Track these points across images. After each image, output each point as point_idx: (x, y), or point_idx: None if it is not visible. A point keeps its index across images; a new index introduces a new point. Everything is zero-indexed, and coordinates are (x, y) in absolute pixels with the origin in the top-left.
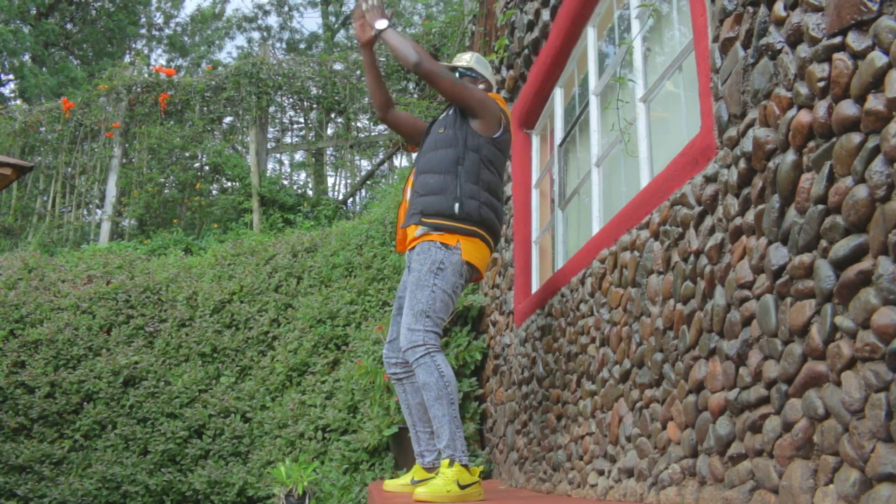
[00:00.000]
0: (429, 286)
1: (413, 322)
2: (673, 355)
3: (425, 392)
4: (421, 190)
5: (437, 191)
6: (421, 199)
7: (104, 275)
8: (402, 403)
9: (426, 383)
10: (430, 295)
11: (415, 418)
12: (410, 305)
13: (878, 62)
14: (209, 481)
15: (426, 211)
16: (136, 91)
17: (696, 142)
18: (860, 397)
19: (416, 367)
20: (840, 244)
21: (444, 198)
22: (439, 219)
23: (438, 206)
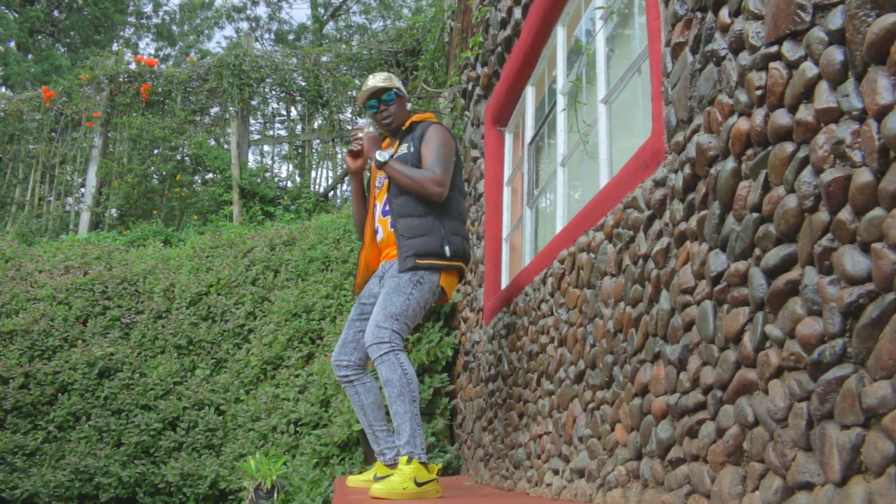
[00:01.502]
0: (405, 293)
1: (383, 321)
2: (622, 358)
3: (388, 388)
4: (407, 233)
5: (423, 232)
6: (409, 241)
7: (82, 266)
8: (356, 405)
9: (389, 380)
10: (405, 301)
11: (370, 418)
12: (384, 306)
13: (808, 73)
14: (182, 473)
15: (419, 253)
16: (118, 81)
17: (648, 146)
18: (784, 406)
19: (380, 363)
20: (771, 253)
21: (432, 238)
22: (433, 259)
23: (429, 247)
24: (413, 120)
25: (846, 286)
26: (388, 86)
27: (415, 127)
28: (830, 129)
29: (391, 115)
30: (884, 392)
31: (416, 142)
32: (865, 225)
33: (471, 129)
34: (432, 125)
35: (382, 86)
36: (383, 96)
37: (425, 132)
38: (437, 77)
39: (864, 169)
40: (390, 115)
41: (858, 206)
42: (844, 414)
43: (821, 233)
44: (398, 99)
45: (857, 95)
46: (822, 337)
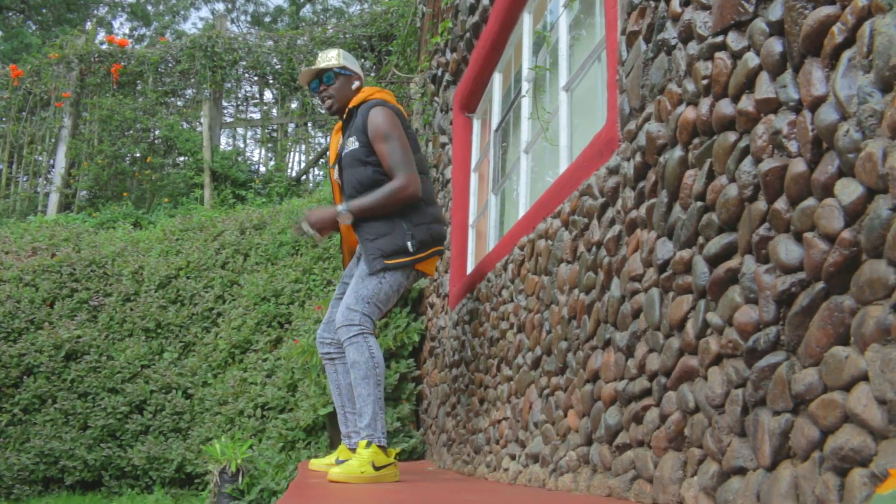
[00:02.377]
0: (378, 278)
1: (354, 303)
2: (575, 344)
3: (353, 370)
4: (370, 235)
5: (385, 231)
6: (373, 244)
7: (50, 247)
8: (332, 384)
9: (356, 361)
10: (377, 285)
11: (344, 399)
12: (356, 289)
13: (750, 63)
14: (148, 457)
15: (386, 253)
16: (88, 60)
17: (602, 133)
18: (722, 392)
19: (348, 345)
20: (713, 241)
21: (395, 236)
22: (400, 257)
23: (394, 246)
24: (352, 105)
25: (781, 275)
26: (327, 66)
27: (354, 114)
28: (769, 120)
29: (331, 96)
30: (811, 379)
31: (361, 133)
32: (798, 214)
33: (440, 115)
34: (371, 109)
35: (323, 66)
36: (323, 77)
37: (366, 120)
38: (408, 62)
39: (799, 159)
40: (330, 95)
41: (793, 196)
42: (775, 400)
43: (759, 222)
44: (340, 77)
45: (793, 86)
46: (758, 325)
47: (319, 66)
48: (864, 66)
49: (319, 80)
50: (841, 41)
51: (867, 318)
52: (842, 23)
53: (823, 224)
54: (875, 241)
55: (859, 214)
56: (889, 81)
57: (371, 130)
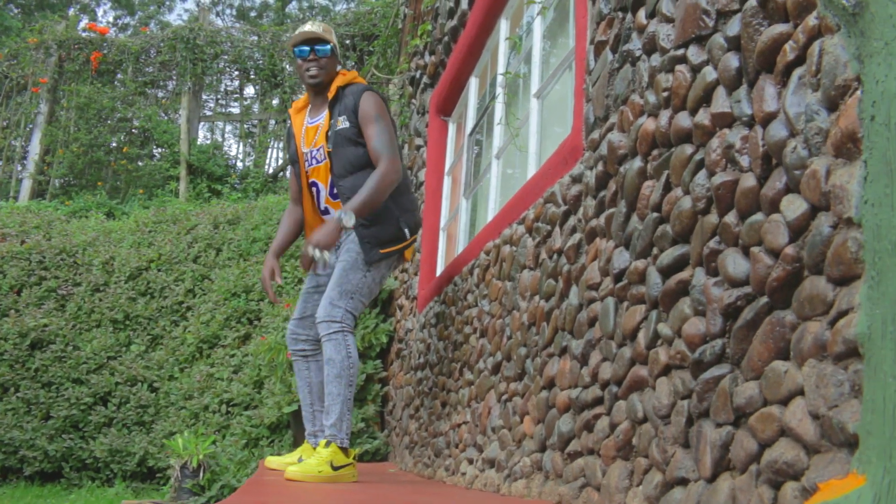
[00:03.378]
0: (363, 271)
1: (337, 298)
2: (533, 351)
3: (329, 367)
4: (365, 222)
5: (380, 220)
6: (369, 231)
7: (20, 234)
8: (302, 381)
9: (332, 359)
10: (361, 279)
11: (314, 397)
12: (339, 283)
13: (708, 77)
14: (111, 449)
15: (382, 240)
16: (67, 47)
17: (568, 142)
18: (668, 403)
19: (327, 340)
20: (666, 253)
21: (389, 224)
22: (393, 244)
23: (388, 234)
24: (339, 85)
25: (728, 288)
26: (325, 37)
27: (342, 95)
28: (724, 134)
29: (321, 68)
30: (752, 392)
31: (352, 115)
32: (747, 229)
33: (416, 118)
34: (363, 93)
35: (320, 34)
36: (318, 45)
37: (358, 102)
38: (388, 63)
39: (750, 174)
40: (320, 67)
41: (743, 210)
42: (718, 413)
43: (710, 235)
44: (332, 55)
45: (747, 102)
46: (705, 337)
47: (315, 31)
48: (813, 85)
49: (312, 47)
50: (792, 59)
51: (806, 333)
52: (794, 41)
53: (769, 239)
54: (816, 257)
55: (803, 231)
56: (835, 101)
57: (361, 112)
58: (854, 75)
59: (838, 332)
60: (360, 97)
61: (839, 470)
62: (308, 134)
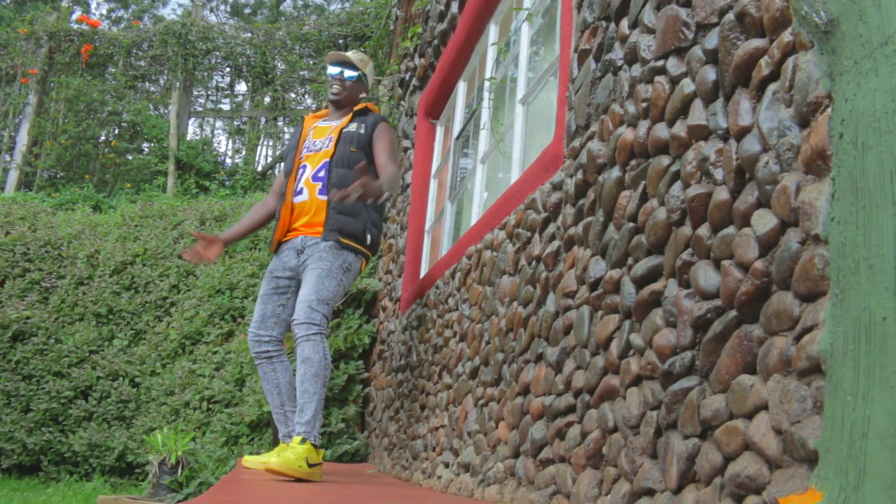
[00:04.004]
0: (337, 279)
1: (316, 304)
2: (510, 357)
3: (306, 366)
4: (339, 207)
5: (353, 213)
6: (340, 216)
7: (4, 225)
8: (270, 384)
9: (310, 358)
10: (336, 287)
11: (284, 397)
12: (316, 289)
13: (686, 89)
14: (90, 444)
15: (344, 231)
16: (58, 38)
17: (549, 149)
18: (638, 413)
19: (305, 341)
20: (641, 263)
21: (359, 221)
22: (353, 241)
23: (354, 229)
24: (367, 106)
25: (699, 300)
26: (356, 65)
27: (368, 113)
28: (699, 147)
29: (344, 90)
30: (718, 405)
31: (369, 128)
32: (718, 242)
33: (405, 120)
34: (383, 121)
35: (352, 61)
36: (348, 69)
37: (377, 125)
38: (379, 65)
39: (723, 187)
40: (344, 90)
41: (715, 223)
42: (685, 424)
43: (683, 246)
44: (357, 81)
45: (723, 115)
46: (675, 349)
47: (349, 57)
48: (786, 101)
49: (342, 69)
50: (767, 74)
51: (772, 348)
52: (769, 56)
53: (740, 253)
54: (784, 273)
55: (773, 246)
56: (806, 117)
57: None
58: (825, 93)
59: (803, 348)
60: (380, 123)
61: (799, 485)
62: (316, 131)
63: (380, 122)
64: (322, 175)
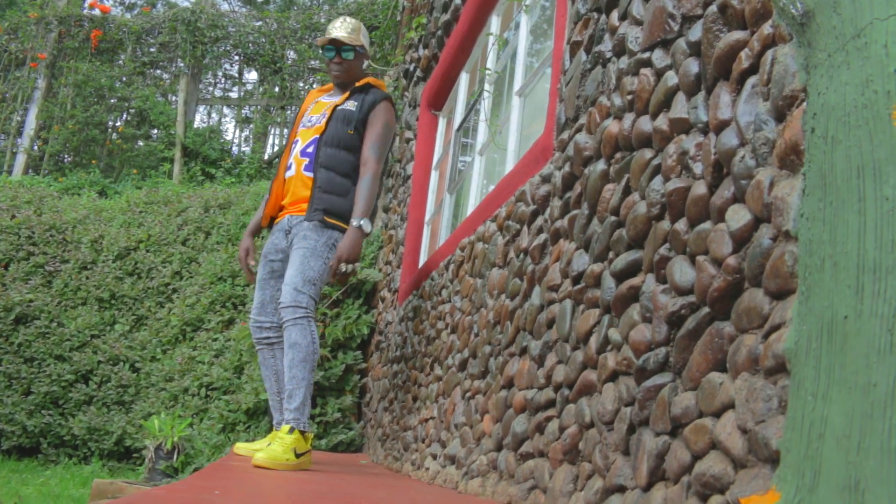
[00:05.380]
0: (323, 258)
1: (301, 285)
2: (497, 349)
3: (294, 351)
4: (326, 186)
5: (340, 192)
6: (326, 195)
7: (10, 208)
8: (269, 370)
9: (297, 343)
10: (322, 266)
11: (282, 384)
12: (301, 269)
13: (670, 82)
14: (89, 427)
15: (330, 210)
16: (68, 23)
17: (540, 141)
18: (612, 409)
19: (292, 325)
20: (621, 257)
21: (346, 201)
22: (339, 221)
23: (340, 209)
24: (369, 82)
25: (675, 296)
26: (351, 42)
27: (368, 90)
28: (680, 140)
29: (344, 69)
30: (688, 403)
31: (365, 107)
32: (694, 237)
33: (408, 111)
34: (384, 100)
35: (344, 41)
36: (344, 48)
37: (376, 104)
38: (386, 55)
39: (701, 181)
40: (343, 69)
41: (692, 218)
42: (657, 421)
43: (662, 241)
44: (356, 57)
45: (704, 108)
46: (650, 344)
47: (340, 37)
48: (764, 94)
49: (338, 49)
50: (747, 67)
51: (742, 346)
52: (749, 49)
53: (714, 248)
54: (755, 269)
55: (746, 241)
56: (782, 111)
57: (375, 113)
58: (801, 86)
59: (770, 346)
60: (380, 102)
61: (762, 486)
62: (317, 106)
63: (379, 101)
64: (310, 151)
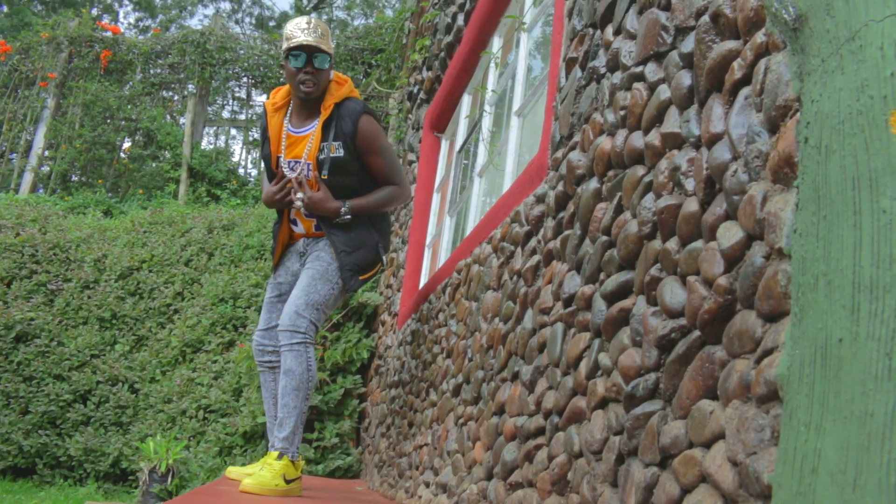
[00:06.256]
0: (332, 282)
1: (303, 308)
2: (489, 375)
3: (287, 378)
4: (347, 248)
5: (359, 245)
6: (349, 258)
7: (15, 226)
8: (268, 393)
9: (291, 370)
10: (329, 291)
11: None
12: (307, 292)
13: (662, 95)
14: (85, 448)
15: (361, 266)
16: (78, 43)
17: (535, 160)
18: (601, 438)
19: (288, 350)
20: (611, 279)
21: (368, 249)
22: (372, 268)
23: (367, 260)
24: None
25: (665, 319)
26: (325, 49)
27: (337, 114)
28: (672, 155)
29: (317, 82)
30: (678, 432)
31: (349, 141)
32: (685, 256)
33: (411, 133)
34: (361, 118)
35: (321, 47)
36: (316, 57)
37: (356, 129)
38: (391, 78)
39: (693, 198)
40: (316, 82)
41: (684, 237)
42: (645, 452)
43: (653, 261)
44: (328, 65)
45: (696, 122)
46: (640, 370)
47: (317, 44)
48: (757, 105)
49: (309, 57)
50: (740, 77)
51: (733, 371)
52: (742, 58)
53: (705, 268)
54: (748, 290)
55: (738, 260)
56: (776, 121)
57: (362, 142)
58: (795, 95)
59: (761, 372)
60: (359, 123)
61: None
62: (290, 144)
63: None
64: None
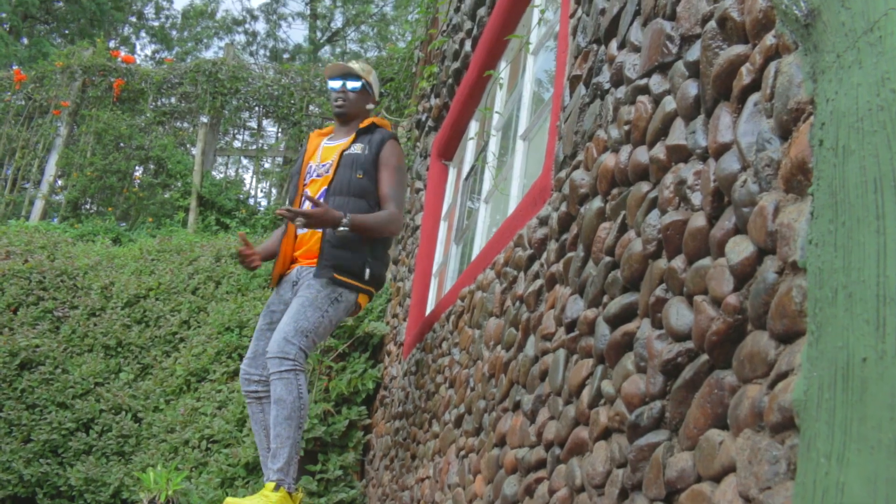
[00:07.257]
0: (322, 310)
1: (292, 335)
2: (490, 405)
3: (277, 407)
4: (333, 240)
5: (350, 246)
6: (334, 251)
7: (24, 252)
8: (258, 425)
9: (282, 399)
10: (319, 318)
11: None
12: (295, 319)
13: (668, 107)
14: (86, 478)
15: (340, 267)
16: (92, 72)
17: (538, 182)
18: (603, 471)
19: (277, 378)
20: (615, 301)
21: (357, 256)
22: (350, 278)
23: (350, 265)
24: (374, 122)
25: (671, 342)
26: (358, 74)
27: (374, 130)
28: (678, 169)
29: (348, 101)
30: (685, 465)
31: (374, 148)
32: (692, 275)
33: (419, 161)
34: (391, 139)
35: (354, 70)
36: (349, 80)
37: (384, 143)
38: (400, 106)
39: (700, 213)
40: (347, 101)
41: (690, 254)
42: (650, 486)
43: (658, 281)
44: (362, 92)
45: (703, 132)
46: (644, 397)
47: (352, 68)
48: (767, 111)
49: (343, 81)
50: (748, 82)
51: (744, 398)
52: (750, 63)
53: (713, 286)
54: (759, 308)
55: (748, 277)
56: (787, 126)
57: (385, 154)
58: (808, 97)
59: (775, 397)
60: (388, 141)
61: None
62: (324, 152)
63: (387, 140)
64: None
